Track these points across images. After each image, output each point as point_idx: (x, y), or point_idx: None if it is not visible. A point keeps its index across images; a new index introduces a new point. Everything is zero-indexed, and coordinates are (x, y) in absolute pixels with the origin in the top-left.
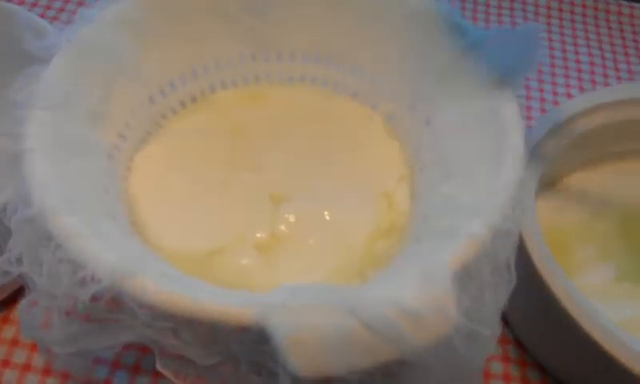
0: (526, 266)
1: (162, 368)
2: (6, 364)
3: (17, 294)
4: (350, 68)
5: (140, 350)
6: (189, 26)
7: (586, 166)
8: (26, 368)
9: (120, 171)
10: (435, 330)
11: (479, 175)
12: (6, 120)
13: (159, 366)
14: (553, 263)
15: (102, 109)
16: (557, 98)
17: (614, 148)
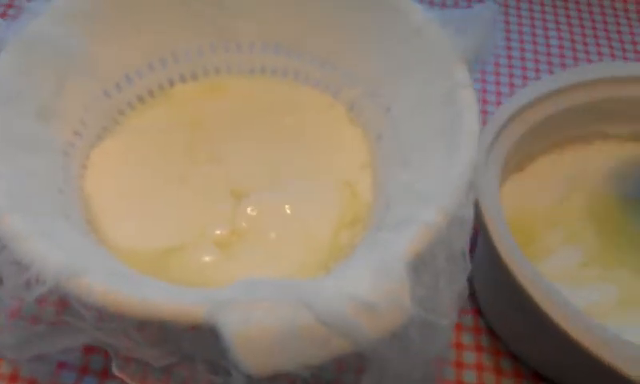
0: (490, 253)
1: (119, 371)
2: None
3: None
4: (310, 57)
5: (106, 354)
6: (145, 18)
7: (552, 149)
8: None
9: (75, 169)
10: (390, 322)
11: (435, 162)
12: None
13: (115, 369)
14: (516, 250)
15: (55, 105)
16: (527, 81)
17: (579, 131)
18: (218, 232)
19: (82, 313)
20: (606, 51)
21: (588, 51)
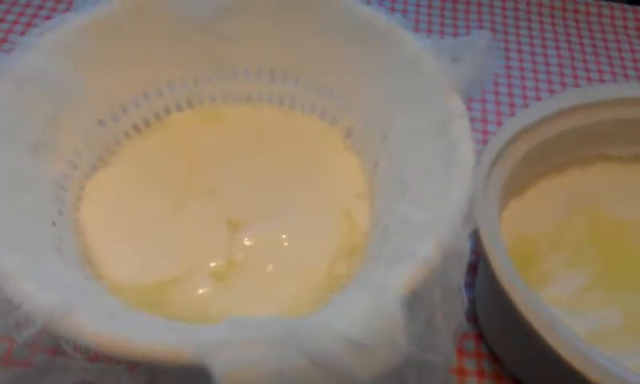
0: (490, 280)
1: None
2: None
3: None
4: (306, 84)
5: None
6: (140, 49)
7: (553, 171)
8: None
9: (70, 201)
10: (383, 363)
11: (431, 193)
12: None
13: None
14: (516, 277)
15: (49, 137)
16: (527, 101)
17: (580, 153)
18: (213, 264)
19: (71, 353)
20: (607, 69)
21: (588, 69)
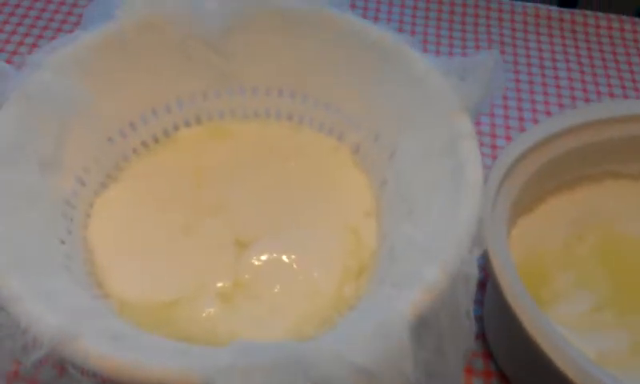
0: (499, 300)
1: None
2: None
3: None
4: (314, 100)
5: None
6: (148, 66)
7: (562, 189)
8: None
9: (79, 218)
10: None
11: (439, 214)
12: None
13: None
14: (525, 297)
15: (58, 155)
16: (536, 115)
17: (590, 170)
18: (220, 284)
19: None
20: (617, 83)
21: (598, 83)
